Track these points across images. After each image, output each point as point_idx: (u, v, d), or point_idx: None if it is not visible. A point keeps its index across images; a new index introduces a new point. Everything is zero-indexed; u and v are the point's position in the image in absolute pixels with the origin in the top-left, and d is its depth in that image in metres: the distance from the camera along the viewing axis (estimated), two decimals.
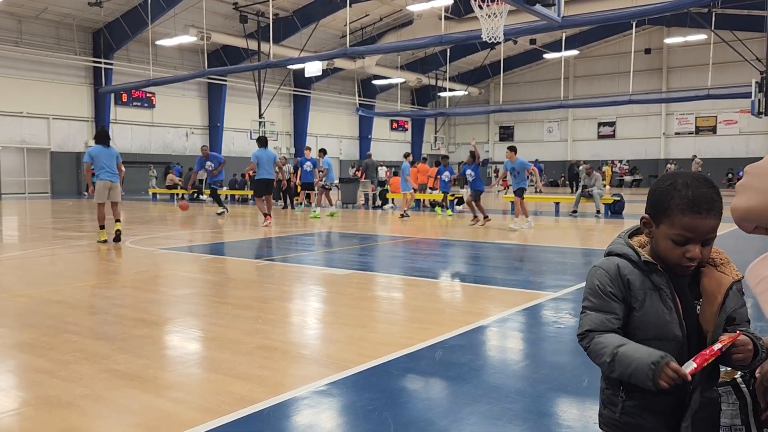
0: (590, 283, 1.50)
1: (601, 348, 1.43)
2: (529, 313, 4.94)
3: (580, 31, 37.42)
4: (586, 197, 15.89)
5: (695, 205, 1.37)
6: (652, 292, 1.44)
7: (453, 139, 51.07)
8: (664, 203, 1.41)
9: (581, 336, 1.49)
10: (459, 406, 2.95)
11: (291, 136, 39.33)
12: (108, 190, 9.42)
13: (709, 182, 1.41)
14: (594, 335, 1.46)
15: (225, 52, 32.41)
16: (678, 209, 1.38)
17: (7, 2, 24.30)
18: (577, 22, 17.58)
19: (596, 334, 1.46)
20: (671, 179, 1.42)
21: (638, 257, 1.47)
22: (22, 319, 4.73)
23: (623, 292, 1.46)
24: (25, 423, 2.75)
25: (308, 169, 16.89)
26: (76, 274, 7.03)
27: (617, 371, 1.40)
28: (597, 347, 1.44)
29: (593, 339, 1.46)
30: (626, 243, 1.52)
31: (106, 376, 3.35)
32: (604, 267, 1.49)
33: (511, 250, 8.99)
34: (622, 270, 1.47)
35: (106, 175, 9.40)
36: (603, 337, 1.44)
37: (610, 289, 1.46)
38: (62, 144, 29.10)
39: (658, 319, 1.43)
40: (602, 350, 1.43)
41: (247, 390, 3.14)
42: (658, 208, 1.44)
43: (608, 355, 1.41)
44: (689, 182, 1.39)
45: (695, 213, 1.37)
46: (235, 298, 5.70)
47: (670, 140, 41.33)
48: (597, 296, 1.48)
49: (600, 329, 1.46)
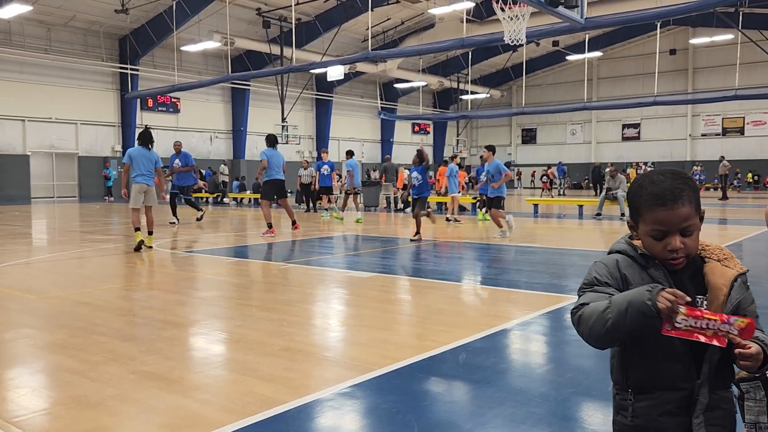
0: (588, 276, 1.54)
1: (593, 310, 1.42)
2: (553, 317, 4.91)
3: (603, 33, 37.09)
4: (610, 200, 15.72)
5: (660, 198, 1.43)
6: None
7: (475, 141, 50.89)
8: (635, 203, 1.50)
9: (574, 310, 1.48)
10: (483, 409, 2.95)
11: (313, 140, 39.55)
12: (143, 194, 9.18)
13: (676, 174, 1.46)
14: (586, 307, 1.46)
15: (248, 57, 32.73)
16: (646, 206, 1.46)
17: (37, 11, 24.83)
18: (601, 24, 17.44)
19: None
20: (640, 180, 1.50)
21: (635, 251, 1.51)
22: (52, 320, 4.83)
23: (620, 286, 1.49)
24: (56, 422, 2.81)
25: (326, 172, 16.61)
26: (103, 276, 7.15)
27: (613, 317, 1.37)
28: (589, 311, 1.43)
29: (584, 308, 1.46)
30: (626, 241, 1.56)
31: (134, 377, 3.41)
32: (604, 261, 1.54)
33: (535, 253, 8.93)
34: (620, 264, 1.51)
35: (142, 179, 9.15)
36: (592, 303, 1.45)
37: (606, 280, 1.50)
38: (89, 149, 29.64)
39: None
40: (594, 308, 1.42)
41: (272, 391, 3.17)
42: (632, 210, 1.52)
43: (602, 307, 1.40)
44: (654, 179, 1.46)
45: (661, 206, 1.43)
46: (260, 300, 5.75)
47: (696, 142, 40.73)
48: (592, 285, 1.51)
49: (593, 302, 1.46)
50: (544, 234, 12.02)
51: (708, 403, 1.42)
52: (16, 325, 4.69)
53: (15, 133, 26.91)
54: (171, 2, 25.85)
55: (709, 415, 1.42)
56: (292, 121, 32.31)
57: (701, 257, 1.50)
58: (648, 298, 1.33)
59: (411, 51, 23.29)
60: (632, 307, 1.35)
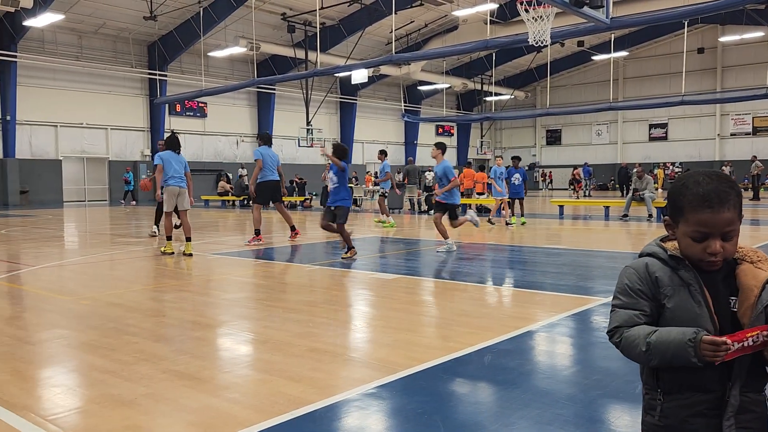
0: (620, 283, 1.55)
1: (633, 340, 1.46)
2: (579, 319, 4.88)
3: (629, 32, 36.64)
4: (637, 201, 15.53)
5: (706, 200, 1.41)
6: (680, 287, 1.47)
7: (499, 143, 50.65)
8: (678, 203, 1.47)
9: (611, 333, 1.53)
10: (509, 410, 2.95)
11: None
12: (176, 197, 9.17)
13: (722, 177, 1.45)
14: (623, 330, 1.50)
15: (273, 61, 33.04)
16: (690, 207, 1.43)
17: (69, 19, 25.40)
18: (627, 24, 17.22)
19: (624, 329, 1.49)
20: (683, 179, 1.48)
21: (665, 253, 1.51)
22: (85, 321, 4.95)
23: (652, 290, 1.49)
24: (90, 420, 2.89)
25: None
26: (134, 278, 7.29)
27: (656, 359, 1.43)
28: (628, 340, 1.47)
29: (623, 334, 1.49)
30: (657, 244, 1.56)
31: (165, 377, 3.48)
32: (634, 266, 1.54)
33: (560, 255, 8.88)
34: (650, 268, 1.51)
35: (174, 182, 9.11)
36: (632, 329, 1.48)
37: (638, 286, 1.50)
38: (120, 153, 30.21)
39: (688, 314, 1.44)
40: (634, 342, 1.46)
41: (299, 391, 3.22)
42: (673, 209, 1.50)
43: (642, 344, 1.44)
44: (700, 180, 1.44)
45: (707, 208, 1.41)
46: (286, 301, 5.81)
47: (725, 141, 40.00)
48: (625, 294, 1.52)
49: (628, 325, 1.49)
50: (569, 235, 11.92)
51: (739, 406, 1.42)
52: (50, 326, 4.82)
53: (48, 139, 27.56)
54: (198, 8, 26.26)
55: (740, 418, 1.42)
56: (316, 124, 32.55)
57: (734, 259, 1.50)
58: (693, 355, 1.36)
59: (435, 53, 23.26)
60: (676, 358, 1.39)
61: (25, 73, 26.41)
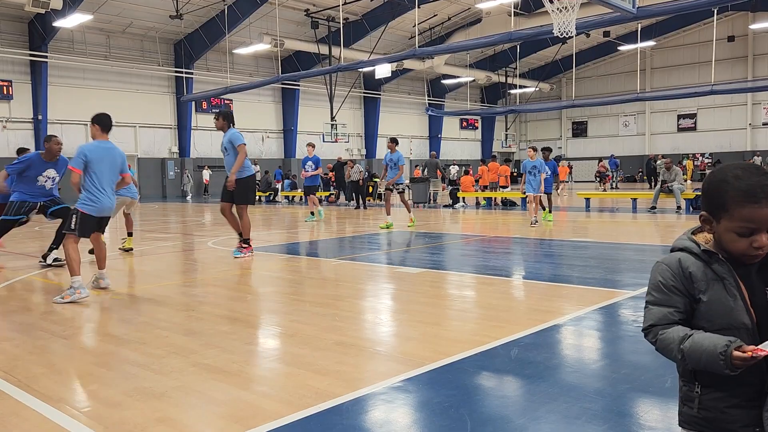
0: (653, 279, 1.54)
1: (668, 344, 1.47)
2: (607, 312, 4.83)
3: (656, 21, 35.97)
4: (665, 193, 15.28)
5: (752, 195, 1.37)
6: (714, 281, 1.45)
7: (524, 136, 50.20)
8: (719, 199, 1.43)
9: (645, 331, 1.54)
10: (536, 404, 2.94)
11: (362, 138, 39.81)
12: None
13: (760, 170, 1.41)
14: (658, 329, 1.49)
15: (297, 57, 33.18)
16: (734, 202, 1.39)
17: (97, 19, 25.83)
18: (654, 13, 16.90)
19: (660, 328, 1.49)
20: (721, 174, 1.43)
21: (698, 248, 1.49)
22: (117, 315, 5.06)
23: (686, 286, 1.48)
24: (123, 412, 2.95)
25: (309, 169, 14.75)
26: (164, 273, 7.41)
27: (691, 365, 1.45)
28: (663, 343, 1.48)
29: (658, 334, 1.49)
30: (688, 237, 1.54)
31: (195, 370, 3.54)
32: (666, 262, 1.53)
33: (587, 248, 8.79)
34: (683, 263, 1.49)
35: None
36: (667, 332, 1.47)
37: (671, 282, 1.49)
38: (148, 150, 30.66)
39: (724, 308, 1.43)
40: (669, 346, 1.47)
41: (326, 384, 3.25)
42: (714, 205, 1.45)
43: (677, 351, 1.45)
44: (740, 174, 1.40)
45: (753, 203, 1.38)
46: (312, 296, 5.86)
47: (757, 131, 39.10)
48: (659, 291, 1.51)
49: (662, 323, 1.49)
50: (596, 228, 11.78)
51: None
52: (83, 320, 4.93)
53: (78, 138, 28.05)
54: (223, 6, 26.49)
55: None
56: (340, 119, 32.62)
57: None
58: (725, 367, 1.36)
59: (458, 47, 23.13)
60: (709, 367, 1.40)
61: (55, 73, 26.95)
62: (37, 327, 4.66)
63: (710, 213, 1.48)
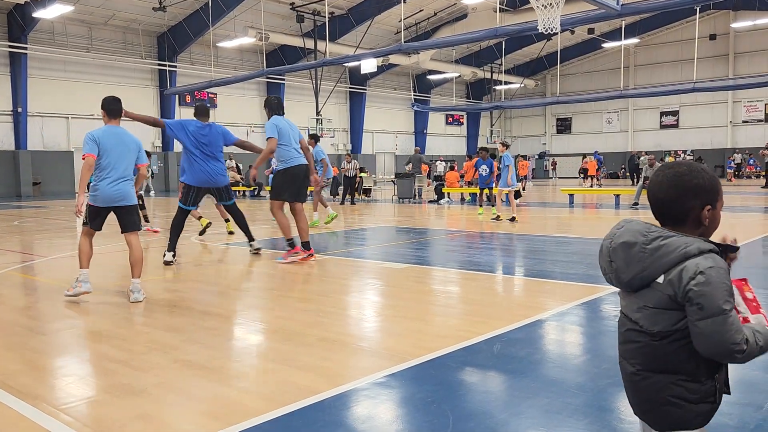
0: (720, 284, 1.46)
1: (751, 350, 1.49)
2: (589, 307, 4.86)
3: (640, 19, 36.24)
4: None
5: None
6: None
7: (509, 132, 50.40)
8: (717, 188, 1.60)
9: (742, 343, 1.48)
10: (518, 399, 2.95)
11: (348, 133, 39.71)
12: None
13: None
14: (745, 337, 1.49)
15: (282, 51, 32.99)
16: (720, 186, 1.62)
17: (78, 10, 25.47)
18: (638, 10, 17.00)
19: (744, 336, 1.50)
20: (704, 169, 1.60)
21: (716, 246, 1.55)
22: (97, 311, 4.99)
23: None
24: (102, 409, 2.92)
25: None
26: (145, 268, 7.31)
27: (762, 353, 1.51)
28: (749, 349, 1.48)
29: (746, 343, 1.48)
30: (700, 240, 1.54)
31: (176, 366, 3.51)
32: (719, 264, 1.50)
33: (570, 244, 8.84)
34: (722, 261, 1.53)
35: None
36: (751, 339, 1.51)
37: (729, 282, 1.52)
38: None
39: None
40: (751, 348, 1.49)
41: (309, 380, 3.23)
42: (715, 193, 1.59)
43: (756, 350, 1.49)
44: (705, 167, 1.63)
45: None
46: (296, 291, 5.84)
47: (737, 129, 39.58)
48: (731, 294, 1.49)
49: (743, 329, 1.50)
50: (579, 224, 11.86)
51: None
52: (63, 316, 4.86)
53: (59, 130, 27.71)
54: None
55: None
56: (326, 114, 32.52)
57: None
58: None
59: (444, 42, 23.12)
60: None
61: (35, 65, 26.53)
62: (15, 323, 4.59)
63: (711, 203, 1.58)
